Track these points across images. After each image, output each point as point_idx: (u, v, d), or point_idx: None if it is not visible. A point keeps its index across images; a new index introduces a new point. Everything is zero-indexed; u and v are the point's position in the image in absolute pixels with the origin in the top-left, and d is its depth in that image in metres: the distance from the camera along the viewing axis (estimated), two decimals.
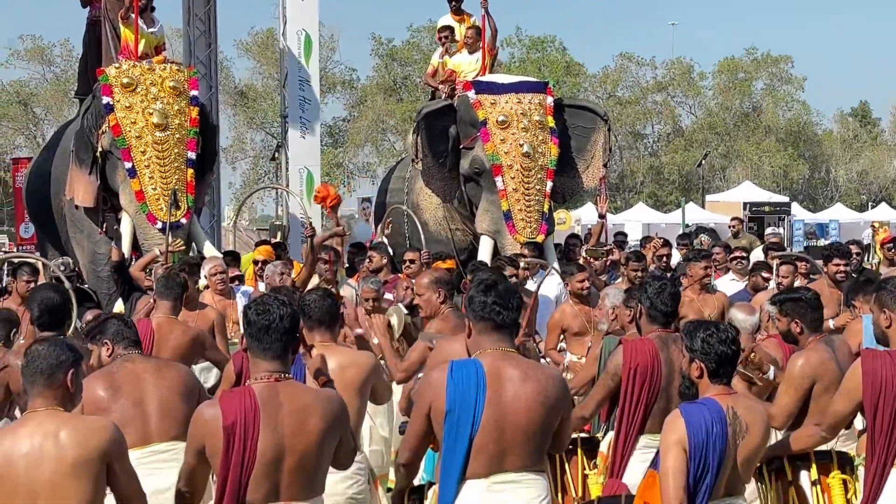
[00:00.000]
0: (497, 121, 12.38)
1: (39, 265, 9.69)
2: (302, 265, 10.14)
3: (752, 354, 5.88)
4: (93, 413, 5.04)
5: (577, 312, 8.95)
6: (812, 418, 5.43)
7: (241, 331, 4.96)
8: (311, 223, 11.01)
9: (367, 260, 10.64)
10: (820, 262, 9.65)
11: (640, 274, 9.74)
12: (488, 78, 13.14)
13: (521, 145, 12.31)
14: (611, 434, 5.74)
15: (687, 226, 24.33)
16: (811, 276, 10.08)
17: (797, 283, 9.26)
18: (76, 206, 12.32)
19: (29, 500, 4.09)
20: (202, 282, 9.48)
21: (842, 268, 9.22)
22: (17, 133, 47.18)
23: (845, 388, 5.04)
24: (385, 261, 10.70)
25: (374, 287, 8.55)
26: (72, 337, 6.45)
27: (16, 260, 10.36)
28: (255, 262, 11.08)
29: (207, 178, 12.91)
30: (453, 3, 14.12)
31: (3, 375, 6.09)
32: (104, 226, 12.13)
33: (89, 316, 7.72)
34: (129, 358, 5.36)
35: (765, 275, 9.81)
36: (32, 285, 8.58)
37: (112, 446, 4.18)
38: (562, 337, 9.04)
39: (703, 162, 37.11)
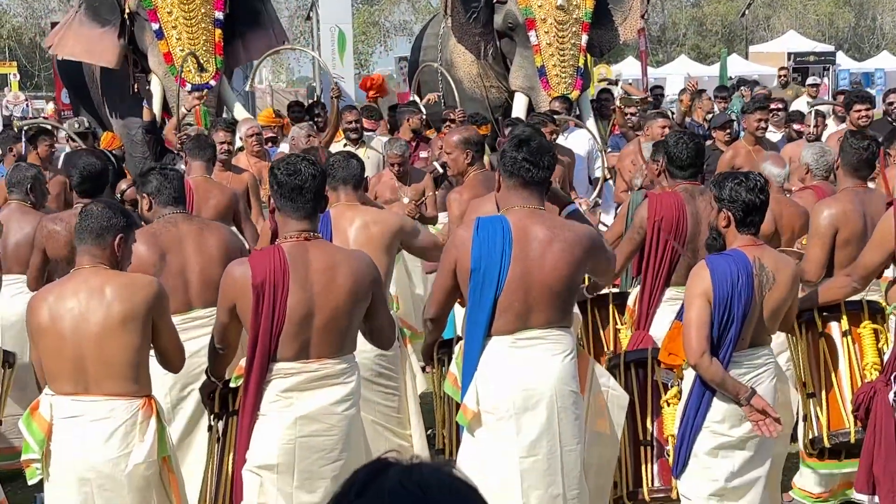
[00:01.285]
0: None
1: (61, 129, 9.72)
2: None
3: None
4: (136, 270, 5.11)
5: None
6: (840, 269, 5.41)
7: None
8: (336, 84, 10.88)
9: (406, 120, 10.55)
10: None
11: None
12: None
13: None
14: (638, 288, 5.74)
15: (730, 78, 23.83)
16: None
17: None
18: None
19: (77, 352, 4.20)
20: (238, 143, 9.47)
21: (863, 112, 9.10)
22: None
23: (876, 238, 5.00)
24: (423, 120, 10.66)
25: (399, 152, 8.47)
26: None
27: (34, 126, 10.40)
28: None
29: (255, 36, 12.66)
30: None
31: (40, 239, 6.13)
32: (135, 87, 12.08)
33: (123, 185, 7.73)
34: (173, 220, 5.30)
35: (796, 126, 9.69)
36: (55, 150, 8.65)
37: (156, 301, 4.28)
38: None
39: (747, 11, 36.25)
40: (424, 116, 10.75)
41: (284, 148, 9.67)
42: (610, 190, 10.23)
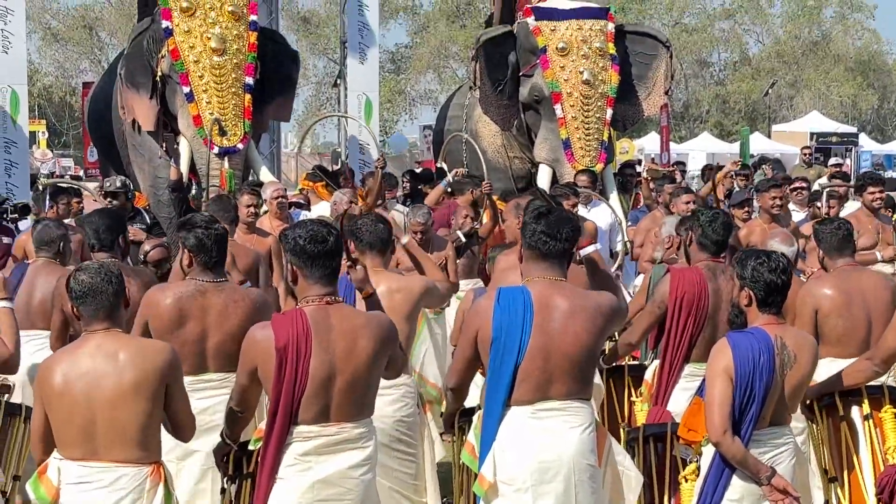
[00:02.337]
0: (557, 48, 12.28)
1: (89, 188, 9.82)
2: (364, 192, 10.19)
3: None
4: (155, 325, 5.14)
5: None
6: (826, 343, 5.59)
7: None
8: (383, 155, 11.00)
9: (470, 192, 10.53)
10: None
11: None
12: (549, 4, 13.00)
13: (581, 72, 12.21)
14: (656, 362, 5.74)
15: (751, 156, 23.96)
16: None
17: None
18: (136, 130, 12.43)
19: (88, 417, 4.18)
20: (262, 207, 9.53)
21: (877, 195, 9.15)
22: (83, 57, 47.63)
23: None
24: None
25: (422, 220, 8.49)
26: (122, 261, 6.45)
27: (64, 185, 10.53)
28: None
29: (286, 101, 12.87)
30: None
31: (59, 299, 6.08)
32: (164, 146, 12.19)
33: (147, 246, 7.70)
34: (203, 289, 5.28)
35: (820, 205, 9.73)
36: (73, 207, 8.76)
37: (169, 368, 4.27)
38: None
39: (770, 91, 36.45)
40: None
41: (321, 211, 9.72)
42: (631, 263, 10.25)
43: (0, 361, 4.90)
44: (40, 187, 11.10)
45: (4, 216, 10.02)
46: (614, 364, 6.04)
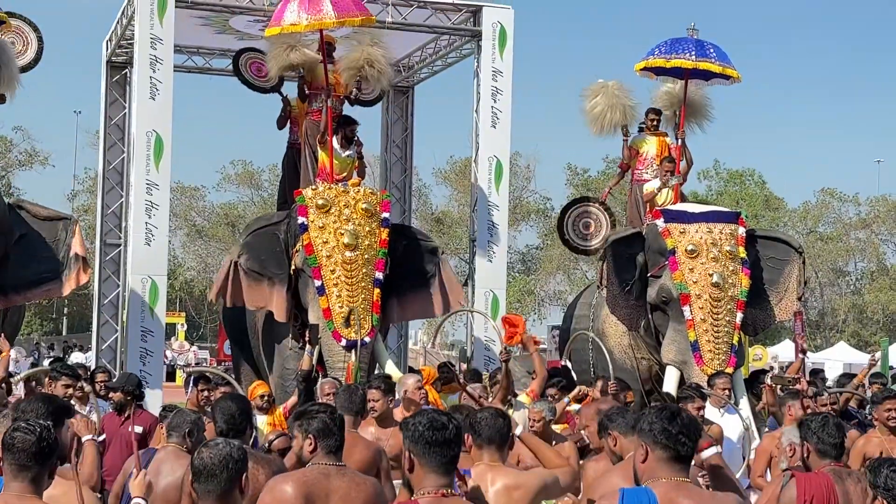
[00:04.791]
0: (686, 250, 12.25)
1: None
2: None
3: None
4: None
5: None
6: None
7: None
8: (506, 348, 11.02)
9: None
10: None
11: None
12: (678, 207, 13.07)
13: (711, 275, 12.13)
14: None
15: (890, 367, 23.28)
16: None
17: None
18: (266, 321, 12.69)
19: None
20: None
21: None
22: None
23: None
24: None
25: (539, 408, 8.38)
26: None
27: (210, 375, 10.74)
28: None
29: (418, 297, 13.06)
30: (652, 119, 14.26)
31: (188, 484, 6.06)
32: (307, 337, 12.39)
33: (272, 436, 7.74)
34: (326, 471, 5.22)
35: None
36: (206, 394, 8.92)
37: None
38: None
39: None
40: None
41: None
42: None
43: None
44: (185, 374, 11.41)
45: (139, 399, 10.18)
46: None
